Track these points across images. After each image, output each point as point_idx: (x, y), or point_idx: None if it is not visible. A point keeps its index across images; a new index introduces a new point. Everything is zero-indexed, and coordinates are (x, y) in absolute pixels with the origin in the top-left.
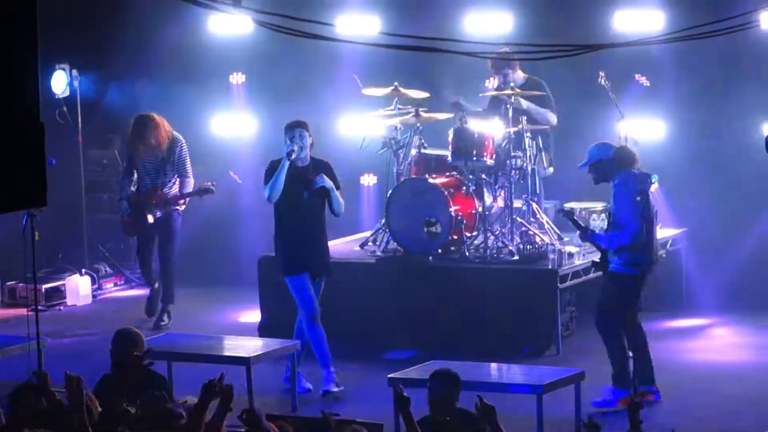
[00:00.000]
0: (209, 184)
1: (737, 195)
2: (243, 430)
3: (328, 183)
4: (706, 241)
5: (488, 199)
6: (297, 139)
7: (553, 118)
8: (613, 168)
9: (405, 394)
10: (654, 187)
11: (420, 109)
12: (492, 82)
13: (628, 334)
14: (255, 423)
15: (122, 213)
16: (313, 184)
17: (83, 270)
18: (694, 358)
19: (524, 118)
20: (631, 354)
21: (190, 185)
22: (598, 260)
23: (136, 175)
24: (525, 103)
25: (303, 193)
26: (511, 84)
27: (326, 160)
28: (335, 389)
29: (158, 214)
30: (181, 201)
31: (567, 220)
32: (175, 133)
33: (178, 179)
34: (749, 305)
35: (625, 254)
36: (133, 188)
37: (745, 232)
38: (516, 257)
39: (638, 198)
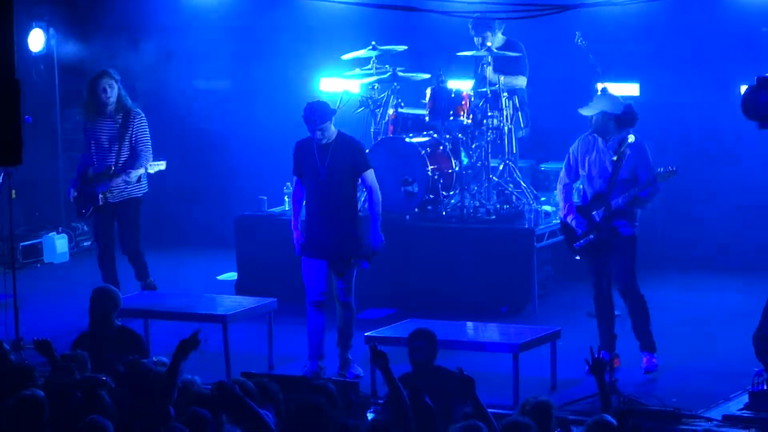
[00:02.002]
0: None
1: (710, 157)
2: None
3: (378, 247)
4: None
5: (465, 158)
6: (318, 133)
7: (523, 82)
8: (617, 124)
9: (379, 350)
10: None
11: (397, 69)
12: (477, 41)
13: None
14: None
15: (71, 196)
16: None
17: (60, 228)
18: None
19: (501, 77)
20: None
21: (147, 162)
22: (600, 228)
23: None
24: (491, 74)
25: (319, 174)
26: (489, 45)
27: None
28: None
29: (111, 198)
30: (138, 181)
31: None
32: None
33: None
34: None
35: (630, 215)
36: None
37: (717, 192)
38: (493, 216)
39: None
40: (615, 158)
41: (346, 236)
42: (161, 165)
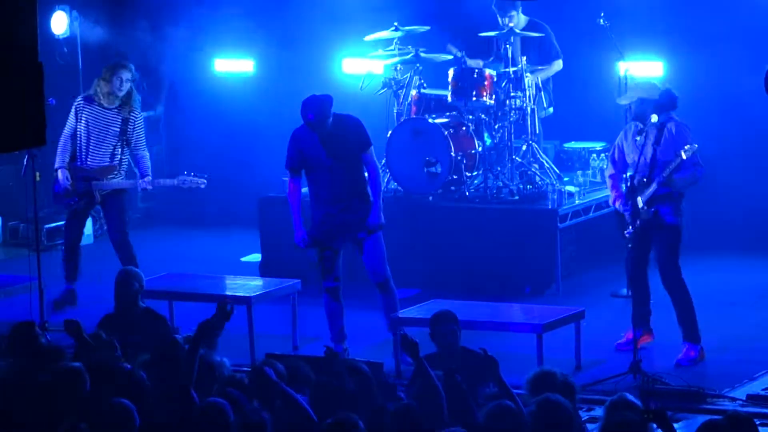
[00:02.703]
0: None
1: (741, 135)
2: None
3: (379, 219)
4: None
5: (488, 139)
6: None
7: (559, 65)
8: (657, 109)
9: (411, 339)
10: None
11: (420, 50)
12: (503, 21)
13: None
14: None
15: (60, 185)
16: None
17: None
18: None
19: (524, 57)
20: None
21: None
22: (644, 214)
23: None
24: (530, 76)
25: (324, 161)
26: (512, 25)
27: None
28: None
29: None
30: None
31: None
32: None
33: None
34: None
35: (674, 205)
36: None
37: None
38: (516, 197)
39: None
40: (638, 138)
41: (364, 214)
42: (202, 182)
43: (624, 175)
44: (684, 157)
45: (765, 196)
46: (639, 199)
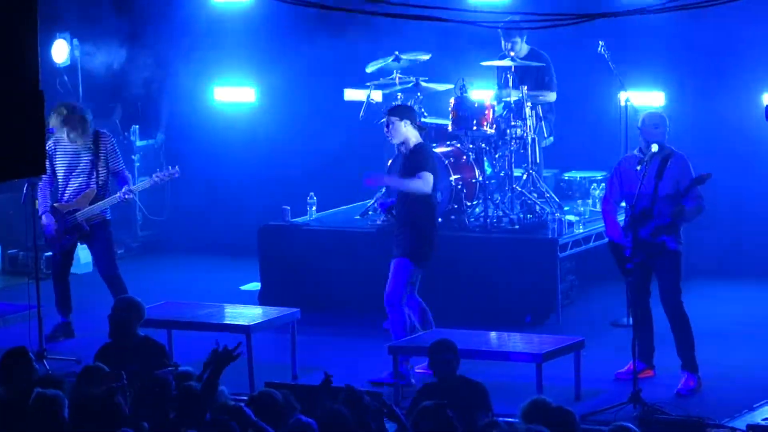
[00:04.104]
0: None
1: (737, 164)
2: (245, 397)
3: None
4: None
5: (488, 168)
6: (387, 132)
7: (552, 97)
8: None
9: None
10: None
11: (420, 79)
12: (506, 46)
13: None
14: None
15: (48, 229)
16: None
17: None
18: None
19: (525, 87)
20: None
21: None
22: (648, 245)
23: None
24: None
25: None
26: (513, 55)
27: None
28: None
29: (93, 221)
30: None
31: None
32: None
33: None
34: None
35: (675, 230)
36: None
37: (743, 202)
38: (516, 226)
39: None
40: (638, 167)
41: (401, 240)
42: (175, 172)
43: (622, 205)
44: (696, 185)
45: (764, 224)
46: (641, 230)
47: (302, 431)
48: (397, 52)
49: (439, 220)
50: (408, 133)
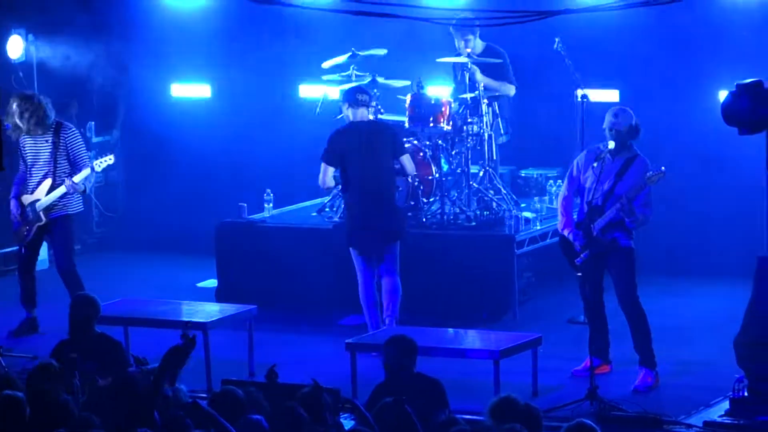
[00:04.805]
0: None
1: (694, 160)
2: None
3: None
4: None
5: (445, 165)
6: None
7: (511, 90)
8: (629, 139)
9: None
10: None
11: (377, 75)
12: (459, 44)
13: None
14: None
15: (12, 216)
16: None
17: None
18: None
19: (481, 84)
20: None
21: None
22: (598, 242)
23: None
24: (480, 76)
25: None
26: (468, 51)
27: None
28: None
29: (52, 214)
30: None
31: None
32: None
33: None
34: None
35: (627, 229)
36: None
37: (698, 198)
38: (473, 223)
39: None
40: (595, 164)
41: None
42: (109, 159)
43: (576, 200)
44: (649, 183)
45: (720, 221)
46: (592, 226)
47: (251, 429)
48: (353, 49)
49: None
50: (348, 114)
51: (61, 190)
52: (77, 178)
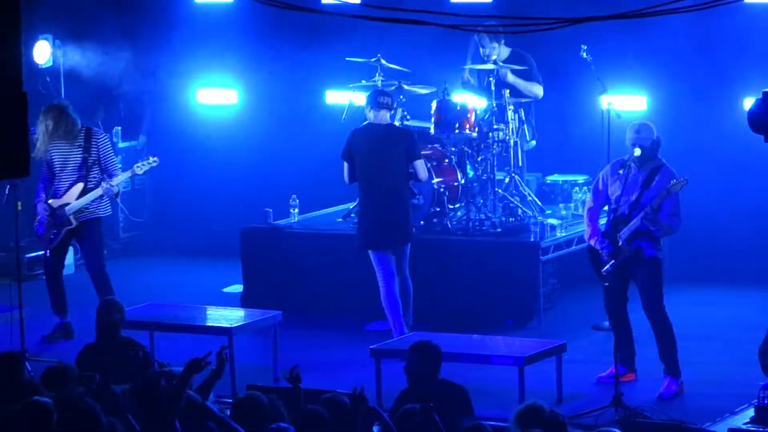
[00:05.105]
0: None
1: (720, 168)
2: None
3: None
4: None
5: (470, 171)
6: None
7: (540, 91)
8: (654, 152)
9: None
10: None
11: (403, 82)
12: (484, 52)
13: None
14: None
15: (40, 220)
16: None
17: None
18: None
19: (507, 91)
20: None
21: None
22: (624, 251)
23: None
24: (511, 77)
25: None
26: (494, 58)
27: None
28: None
29: (81, 218)
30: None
31: None
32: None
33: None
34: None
35: (655, 238)
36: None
37: (725, 205)
38: (498, 229)
39: None
40: (621, 171)
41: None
42: (153, 161)
43: (604, 208)
44: (671, 192)
45: (747, 229)
46: (618, 236)
47: None
48: (379, 55)
49: (421, 223)
50: (369, 116)
51: (97, 192)
52: (115, 181)
